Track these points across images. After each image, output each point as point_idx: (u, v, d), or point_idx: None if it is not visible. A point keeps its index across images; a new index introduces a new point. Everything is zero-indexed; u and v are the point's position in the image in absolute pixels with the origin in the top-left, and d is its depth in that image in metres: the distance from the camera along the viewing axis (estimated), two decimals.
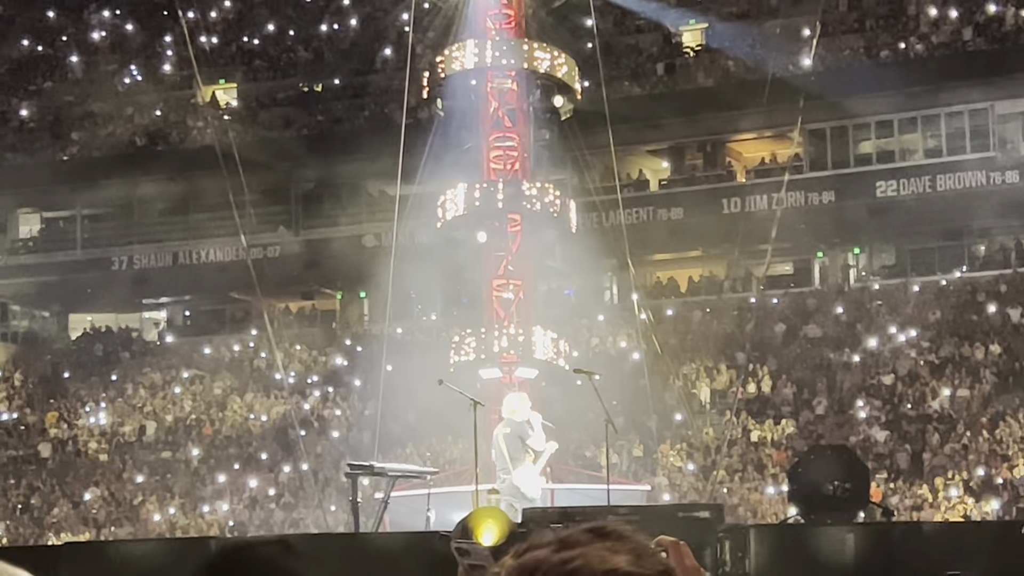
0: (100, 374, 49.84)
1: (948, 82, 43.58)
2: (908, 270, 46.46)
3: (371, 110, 50.64)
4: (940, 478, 34.28)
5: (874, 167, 45.37)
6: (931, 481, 34.38)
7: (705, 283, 48.46)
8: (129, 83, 56.30)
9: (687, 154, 49.46)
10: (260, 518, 38.19)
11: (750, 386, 40.22)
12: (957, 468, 34.55)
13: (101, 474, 43.69)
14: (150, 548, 13.42)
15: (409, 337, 43.68)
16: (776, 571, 11.79)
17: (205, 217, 50.47)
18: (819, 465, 13.02)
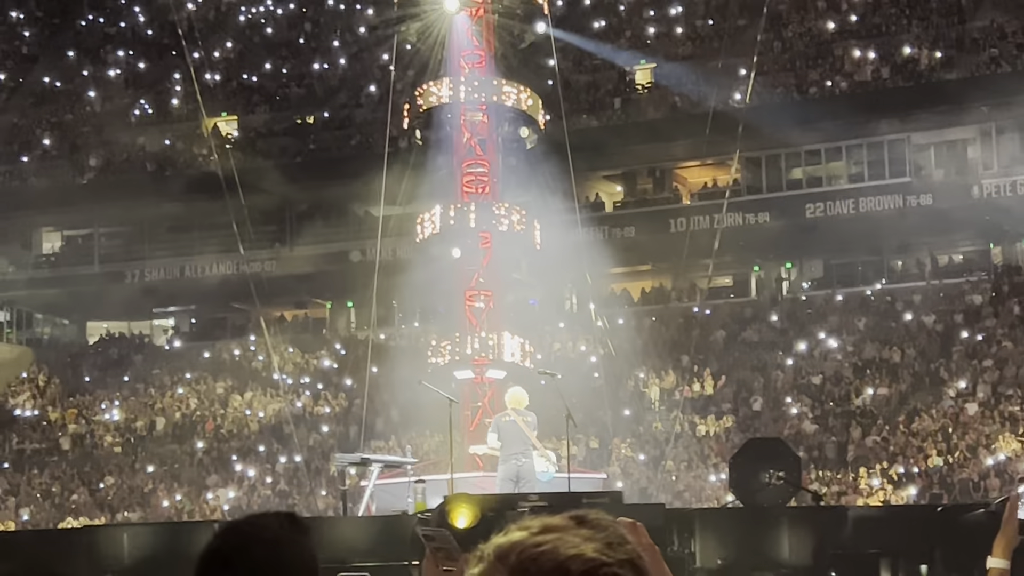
0: (115, 375, 49.63)
1: (869, 116, 43.71)
2: (834, 282, 46.55)
3: (357, 140, 50.54)
4: (863, 467, 34.34)
5: (804, 191, 45.45)
6: (855, 470, 34.43)
7: (654, 294, 48.48)
8: (140, 115, 56.10)
9: (638, 179, 49.50)
10: (257, 504, 38.02)
11: (694, 386, 40.25)
12: (878, 458, 34.63)
13: (116, 464, 43.48)
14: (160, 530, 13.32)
15: (391, 342, 43.60)
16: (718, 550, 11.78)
17: (209, 235, 50.30)
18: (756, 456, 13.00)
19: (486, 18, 30.41)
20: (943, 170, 44.41)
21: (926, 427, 35.40)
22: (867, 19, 47.57)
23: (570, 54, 46.96)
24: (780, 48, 47.84)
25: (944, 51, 45.35)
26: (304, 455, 38.82)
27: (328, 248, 49.68)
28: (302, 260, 50.33)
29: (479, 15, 30.19)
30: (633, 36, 50.24)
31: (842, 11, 48.12)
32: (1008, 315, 40.09)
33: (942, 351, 39.56)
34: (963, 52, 45.17)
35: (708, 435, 38.05)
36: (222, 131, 54.28)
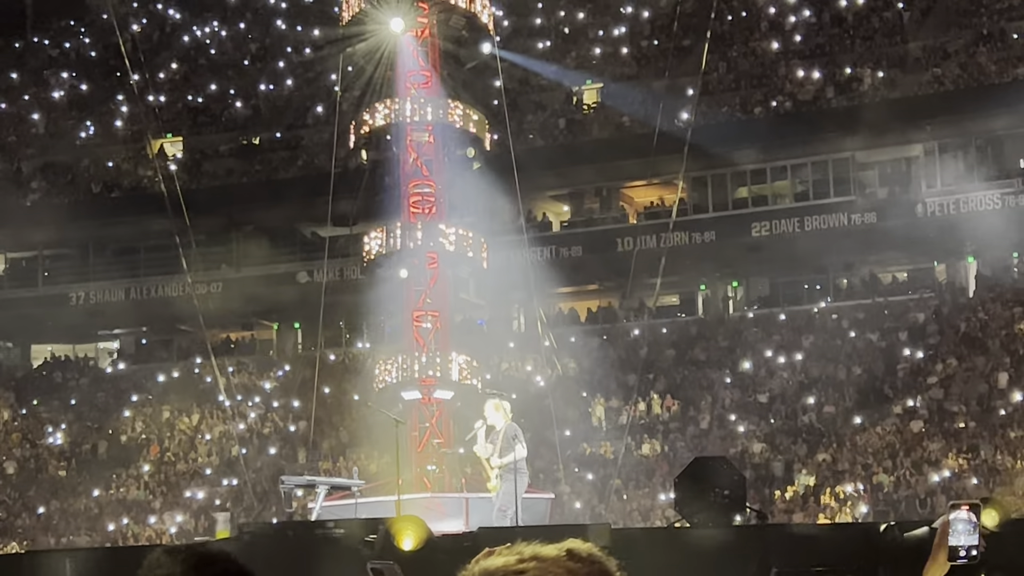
0: (59, 398, 49.25)
1: (813, 135, 44.02)
2: (780, 300, 46.77)
3: (304, 160, 50.46)
4: (809, 484, 34.49)
5: (749, 210, 45.67)
6: (801, 487, 34.58)
7: (602, 313, 48.57)
8: (85, 137, 55.79)
9: (585, 199, 49.60)
10: (204, 527, 37.80)
11: (641, 404, 40.33)
12: (824, 476, 34.78)
13: (61, 488, 43.13)
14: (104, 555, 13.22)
15: (339, 363, 43.49)
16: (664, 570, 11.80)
17: (154, 257, 50.03)
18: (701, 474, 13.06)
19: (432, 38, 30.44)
20: (887, 188, 44.73)
21: (872, 444, 35.61)
22: (810, 39, 47.95)
23: (516, 74, 47.07)
24: (725, 68, 48.12)
25: (887, 71, 45.75)
26: (251, 477, 38.63)
27: (275, 269, 49.53)
28: (249, 281, 50.09)
29: (424, 35, 30.21)
30: (579, 56, 50.43)
31: (786, 31, 48.48)
32: (952, 333, 40.41)
33: (887, 368, 39.81)
34: (906, 72, 45.58)
35: (656, 454, 38.12)
36: (168, 152, 54.06)
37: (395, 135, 29.72)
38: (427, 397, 28.59)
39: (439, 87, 30.57)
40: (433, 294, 29.72)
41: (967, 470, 33.63)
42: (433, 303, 29.80)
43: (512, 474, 18.68)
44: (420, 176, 29.90)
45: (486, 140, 31.01)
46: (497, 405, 19.33)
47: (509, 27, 48.09)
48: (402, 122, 29.66)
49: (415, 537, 10.23)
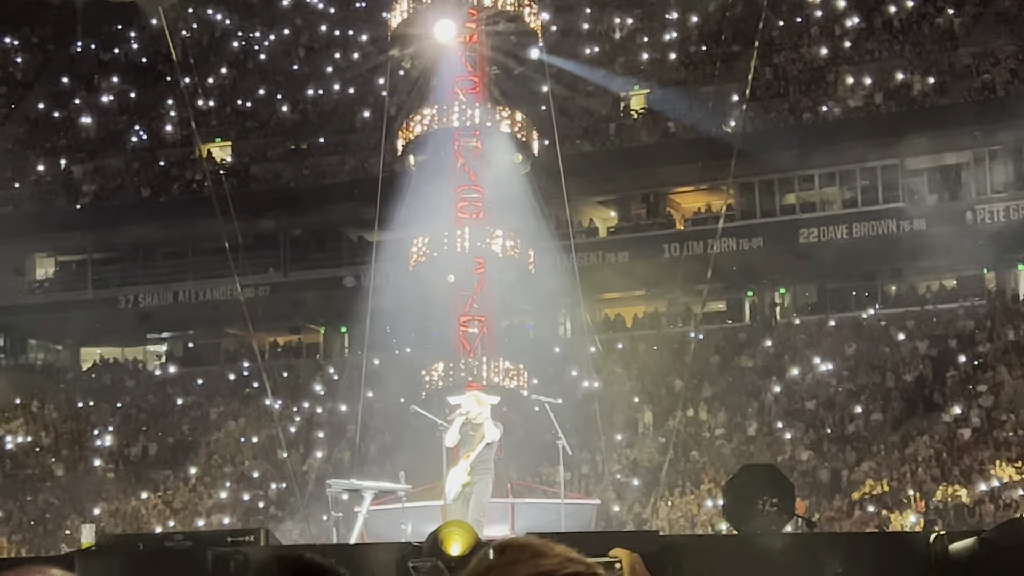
0: (108, 401, 49.55)
1: (863, 141, 43.79)
2: (828, 307, 46.55)
3: (351, 165, 50.59)
4: (856, 493, 34.31)
5: (798, 216, 45.50)
6: (848, 495, 34.40)
7: (648, 319, 48.47)
8: (135, 141, 56.14)
9: (632, 204, 49.53)
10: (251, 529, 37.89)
11: (688, 411, 40.20)
12: (871, 484, 34.59)
13: (109, 490, 43.39)
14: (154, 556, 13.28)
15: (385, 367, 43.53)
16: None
17: (203, 261, 50.29)
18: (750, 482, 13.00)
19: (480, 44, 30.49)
20: (936, 195, 44.47)
21: (920, 452, 35.39)
22: (860, 45, 47.70)
23: (564, 80, 47.04)
24: (773, 74, 47.95)
25: (937, 76, 45.47)
26: (297, 480, 38.73)
27: (322, 273, 49.70)
28: (296, 285, 50.34)
29: (473, 41, 30.27)
30: (627, 62, 50.35)
31: (835, 37, 48.26)
32: (1002, 340, 40.11)
33: (936, 376, 39.56)
34: (956, 77, 45.30)
35: (702, 460, 38.00)
36: (216, 157, 54.34)
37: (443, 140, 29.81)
38: None
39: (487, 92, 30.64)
40: (480, 299, 29.80)
41: (1017, 479, 33.37)
42: (480, 308, 29.87)
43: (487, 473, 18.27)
44: (467, 181, 29.98)
45: (533, 145, 31.06)
46: (479, 399, 18.87)
47: (557, 32, 48.05)
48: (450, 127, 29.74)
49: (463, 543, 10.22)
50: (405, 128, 31.00)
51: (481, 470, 18.16)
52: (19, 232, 51.72)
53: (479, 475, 18.13)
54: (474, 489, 18.12)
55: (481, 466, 18.13)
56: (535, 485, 30.74)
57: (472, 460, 18.06)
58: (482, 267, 29.73)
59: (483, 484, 18.22)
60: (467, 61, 30.55)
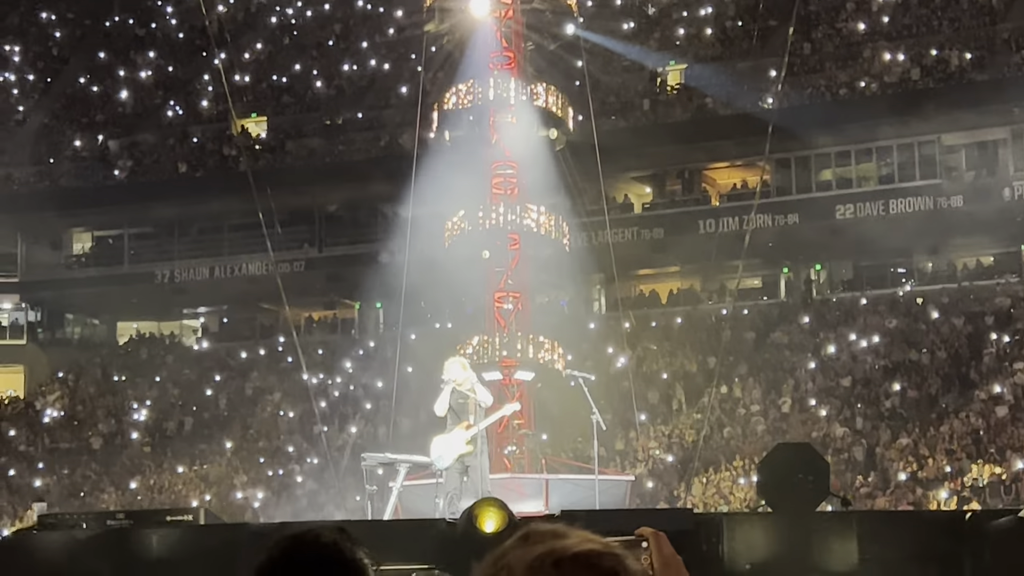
0: (144, 375, 49.82)
1: (899, 117, 43.54)
2: (864, 284, 46.38)
3: (386, 141, 50.58)
4: (891, 470, 34.20)
5: (834, 192, 45.34)
6: (883, 472, 34.29)
7: (683, 295, 48.40)
8: (171, 116, 56.28)
9: (667, 180, 49.43)
10: (286, 503, 38.10)
11: (723, 387, 40.12)
12: (907, 461, 34.47)
13: (145, 464, 43.64)
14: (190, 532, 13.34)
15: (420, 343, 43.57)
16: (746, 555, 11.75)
17: (238, 236, 50.48)
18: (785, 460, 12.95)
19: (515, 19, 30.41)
20: (974, 172, 44.21)
21: (956, 430, 35.24)
22: (897, 20, 47.39)
23: (599, 55, 46.89)
24: (810, 49, 47.69)
25: (975, 52, 45.13)
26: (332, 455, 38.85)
27: (357, 249, 49.74)
28: (331, 261, 50.45)
29: (508, 16, 30.19)
30: (662, 37, 50.15)
31: (872, 12, 47.95)
32: None
33: (972, 353, 39.38)
34: (994, 53, 44.96)
35: (737, 437, 37.95)
36: (252, 132, 54.43)
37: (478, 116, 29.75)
38: (507, 378, 28.62)
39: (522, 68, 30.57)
40: (515, 275, 29.77)
41: None
42: (515, 284, 29.85)
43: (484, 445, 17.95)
44: (503, 157, 29.93)
45: (568, 121, 30.97)
46: (464, 364, 18.59)
47: (592, 7, 47.87)
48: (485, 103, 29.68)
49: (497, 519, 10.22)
50: (440, 104, 30.97)
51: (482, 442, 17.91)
52: (56, 207, 52.01)
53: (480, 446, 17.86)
54: (471, 462, 17.76)
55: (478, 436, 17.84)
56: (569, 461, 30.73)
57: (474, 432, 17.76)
58: (517, 243, 29.71)
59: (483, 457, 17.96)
60: (502, 36, 30.47)
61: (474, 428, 17.76)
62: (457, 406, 18.18)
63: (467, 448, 17.70)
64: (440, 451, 17.90)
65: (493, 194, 29.85)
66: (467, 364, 18.84)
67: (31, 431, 47.07)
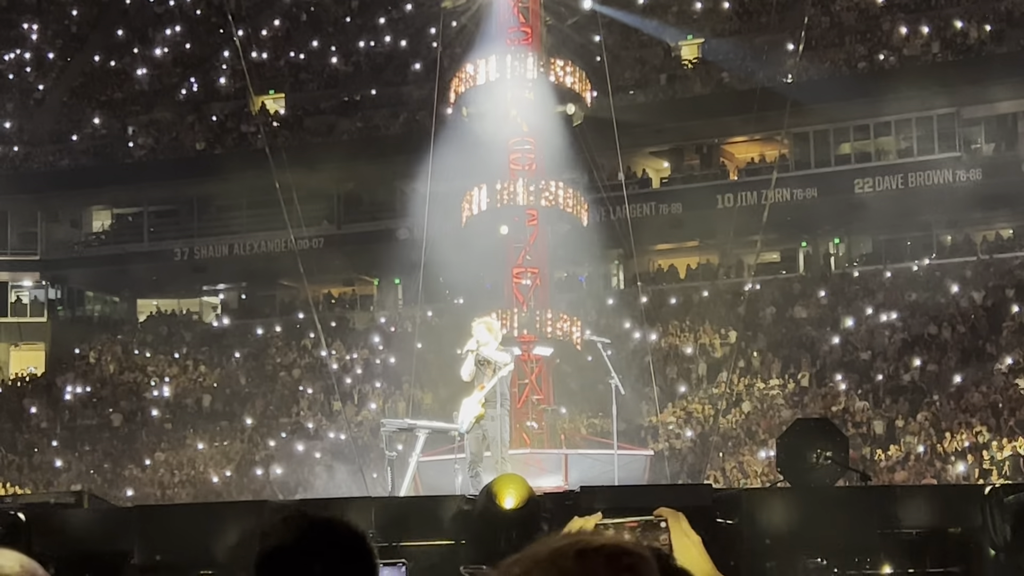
0: (164, 352, 49.95)
1: (918, 90, 43.33)
2: (883, 258, 46.29)
3: (404, 117, 50.56)
4: (911, 444, 34.15)
5: (852, 166, 45.24)
6: (903, 447, 34.26)
7: (702, 270, 48.36)
8: (189, 93, 56.31)
9: (685, 155, 49.35)
10: (306, 480, 38.21)
11: (741, 362, 40.10)
12: (926, 434, 34.43)
13: (166, 440, 43.80)
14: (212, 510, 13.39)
15: (438, 319, 43.64)
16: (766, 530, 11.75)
17: (257, 213, 50.51)
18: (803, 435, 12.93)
19: None
20: (993, 145, 44.07)
21: (975, 403, 35.19)
22: None
23: (616, 30, 46.77)
24: (828, 23, 47.51)
25: (994, 24, 44.92)
26: (351, 431, 38.95)
27: (375, 225, 49.78)
28: (349, 237, 50.49)
29: None
30: (680, 12, 49.98)
31: None
32: None
33: (991, 327, 39.28)
34: (1013, 26, 44.74)
35: (755, 412, 37.94)
36: (270, 109, 54.44)
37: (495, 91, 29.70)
38: (526, 354, 28.63)
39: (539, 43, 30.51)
40: (533, 251, 29.77)
41: None
42: (533, 259, 29.86)
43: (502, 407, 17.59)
44: (520, 133, 29.90)
45: (586, 96, 30.90)
46: (489, 325, 18.05)
47: None
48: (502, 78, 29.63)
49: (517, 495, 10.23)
50: (457, 80, 30.92)
51: (495, 403, 17.56)
52: (76, 185, 52.15)
53: (492, 408, 17.53)
54: (488, 425, 17.52)
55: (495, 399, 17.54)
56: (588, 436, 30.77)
57: (486, 392, 17.47)
58: (535, 219, 29.70)
59: (498, 419, 17.59)
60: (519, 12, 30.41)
61: (486, 388, 17.53)
62: (479, 369, 17.90)
63: (480, 410, 17.55)
64: (463, 415, 17.80)
65: (511, 170, 29.84)
66: (494, 326, 18.28)
67: (52, 409, 47.25)
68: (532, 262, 29.90)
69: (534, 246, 29.85)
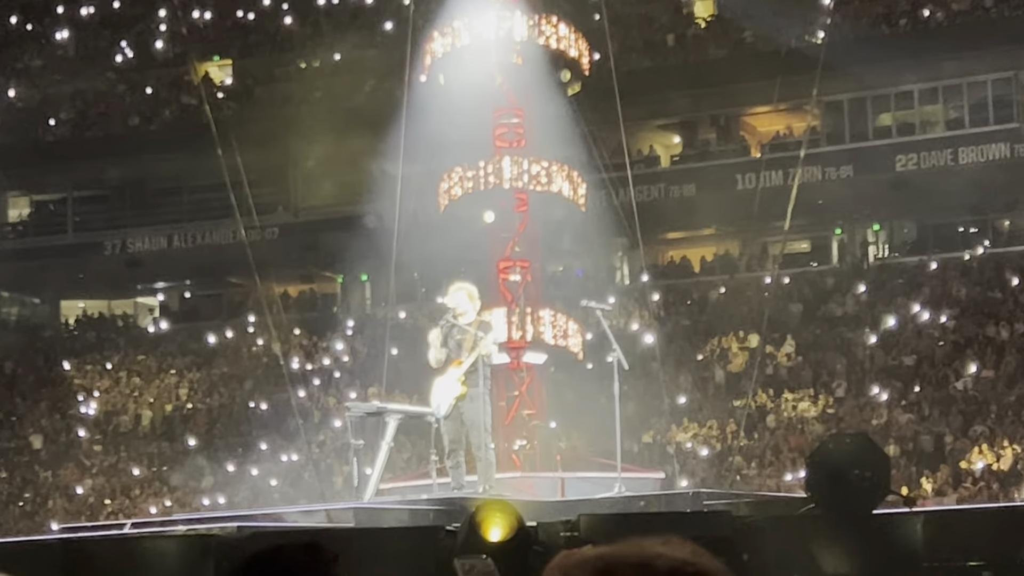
0: (93, 362, 49.90)
1: (970, 51, 43.45)
2: (930, 246, 46.38)
3: (371, 85, 50.55)
4: (964, 462, 34.24)
5: (894, 140, 45.33)
6: (954, 466, 34.34)
7: (719, 262, 48.43)
8: (120, 61, 56.23)
9: (699, 129, 49.42)
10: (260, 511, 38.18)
11: (766, 369, 40.16)
12: (981, 452, 34.52)
13: (96, 466, 43.74)
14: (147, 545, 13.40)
15: (413, 321, 43.67)
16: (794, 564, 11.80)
17: (201, 199, 50.51)
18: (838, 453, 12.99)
19: None
20: None
21: None
22: None
23: None
24: None
25: None
26: (313, 454, 38.96)
27: (339, 212, 49.73)
28: (309, 227, 50.47)
29: None
30: None
31: None
32: None
33: None
34: None
35: (782, 426, 38.02)
36: (214, 78, 54.41)
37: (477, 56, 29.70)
38: (516, 361, 28.62)
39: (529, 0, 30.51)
40: (522, 241, 29.75)
41: None
42: (523, 251, 29.83)
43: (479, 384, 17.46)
44: (506, 104, 29.89)
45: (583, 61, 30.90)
46: (470, 293, 18.04)
47: None
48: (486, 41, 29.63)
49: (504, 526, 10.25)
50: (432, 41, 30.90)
51: (475, 381, 17.45)
52: None
53: (474, 387, 17.47)
54: (466, 407, 17.50)
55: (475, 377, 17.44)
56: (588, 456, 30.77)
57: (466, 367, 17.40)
58: (524, 204, 29.69)
59: (479, 402, 17.52)
60: None
61: (465, 363, 17.45)
62: (454, 344, 17.83)
63: (460, 388, 17.45)
64: (437, 399, 17.77)
65: (496, 147, 29.82)
66: (475, 292, 18.23)
67: None
68: (522, 254, 29.87)
69: (524, 235, 29.83)
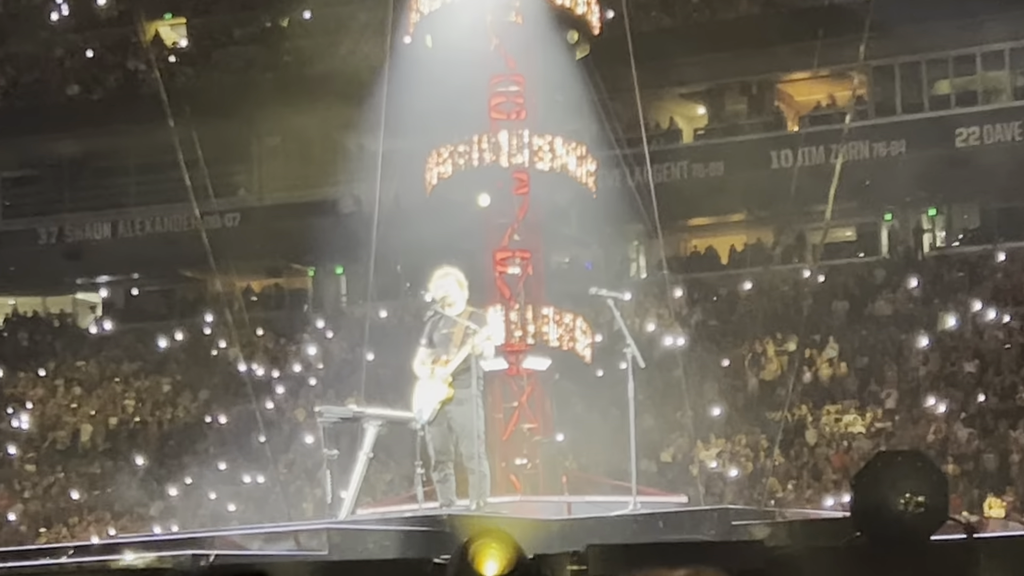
0: (25, 368, 49.93)
1: None
2: (995, 235, 46.40)
3: (347, 48, 50.54)
4: None
5: (953, 111, 45.37)
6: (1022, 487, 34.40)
7: (751, 252, 48.46)
8: (57, 20, 56.22)
9: (727, 98, 49.44)
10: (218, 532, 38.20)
11: (805, 376, 40.17)
12: None
13: (29, 488, 43.76)
14: None
15: (395, 320, 43.71)
16: None
17: (150, 180, 50.52)
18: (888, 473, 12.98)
19: None
20: None
21: None
22: None
23: None
24: None
25: None
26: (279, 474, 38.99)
27: (310, 195, 49.80)
28: (276, 211, 50.47)
29: None
30: None
31: None
32: None
33: None
34: None
35: (824, 442, 38.06)
36: (166, 39, 54.42)
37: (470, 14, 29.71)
38: (515, 367, 28.65)
39: None
40: (523, 229, 29.77)
41: None
42: (523, 240, 29.85)
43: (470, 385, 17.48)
44: (504, 69, 29.90)
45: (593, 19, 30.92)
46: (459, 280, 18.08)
47: None
48: None
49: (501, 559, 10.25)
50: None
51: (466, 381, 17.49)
52: None
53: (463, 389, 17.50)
54: (454, 411, 17.53)
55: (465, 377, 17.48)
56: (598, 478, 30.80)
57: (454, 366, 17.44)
58: (525, 185, 29.70)
59: (471, 405, 17.50)
60: None
61: (452, 361, 17.46)
62: (440, 339, 17.88)
63: (447, 391, 17.47)
64: (420, 403, 17.78)
65: (492, 119, 29.85)
66: (464, 280, 18.28)
67: None
68: (522, 243, 29.90)
69: (525, 222, 29.85)
